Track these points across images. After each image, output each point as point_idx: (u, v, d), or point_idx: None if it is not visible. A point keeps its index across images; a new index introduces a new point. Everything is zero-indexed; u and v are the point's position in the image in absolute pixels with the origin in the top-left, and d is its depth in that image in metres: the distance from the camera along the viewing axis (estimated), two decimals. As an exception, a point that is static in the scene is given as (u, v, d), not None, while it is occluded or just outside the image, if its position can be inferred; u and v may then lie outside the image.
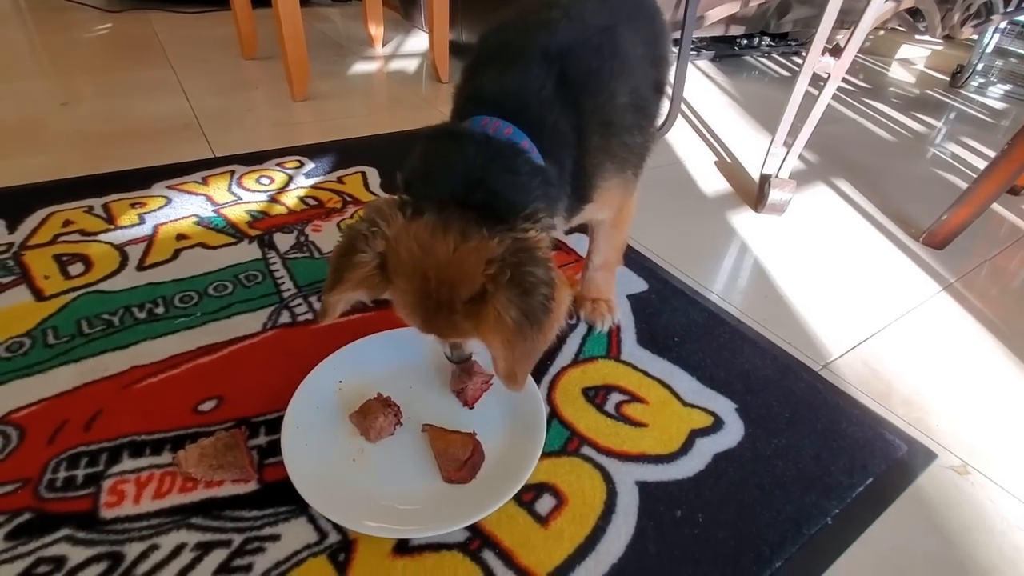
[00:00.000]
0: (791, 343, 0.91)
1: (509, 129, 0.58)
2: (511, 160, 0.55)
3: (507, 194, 0.54)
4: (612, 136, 0.66)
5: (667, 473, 0.66)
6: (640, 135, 0.69)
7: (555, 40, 0.62)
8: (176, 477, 0.60)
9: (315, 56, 1.84)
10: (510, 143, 0.57)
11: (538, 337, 0.52)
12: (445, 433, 0.66)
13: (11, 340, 0.75)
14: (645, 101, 0.70)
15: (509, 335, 0.51)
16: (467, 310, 0.53)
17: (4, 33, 1.94)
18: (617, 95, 0.65)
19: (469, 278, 0.51)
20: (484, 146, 0.55)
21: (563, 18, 0.65)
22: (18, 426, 0.64)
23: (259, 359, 0.76)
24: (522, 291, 0.50)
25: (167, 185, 1.12)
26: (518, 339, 0.51)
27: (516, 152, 0.56)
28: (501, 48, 0.65)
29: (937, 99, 2.31)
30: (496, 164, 0.54)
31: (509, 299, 0.50)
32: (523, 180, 0.55)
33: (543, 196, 0.57)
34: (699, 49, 2.49)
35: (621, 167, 0.69)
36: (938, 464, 0.73)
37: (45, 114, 1.38)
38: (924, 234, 1.25)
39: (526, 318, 0.50)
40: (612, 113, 0.65)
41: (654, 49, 0.75)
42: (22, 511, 0.56)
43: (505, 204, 0.54)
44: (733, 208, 1.30)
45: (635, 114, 0.68)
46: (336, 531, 0.57)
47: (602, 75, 0.63)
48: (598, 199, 0.68)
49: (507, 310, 0.50)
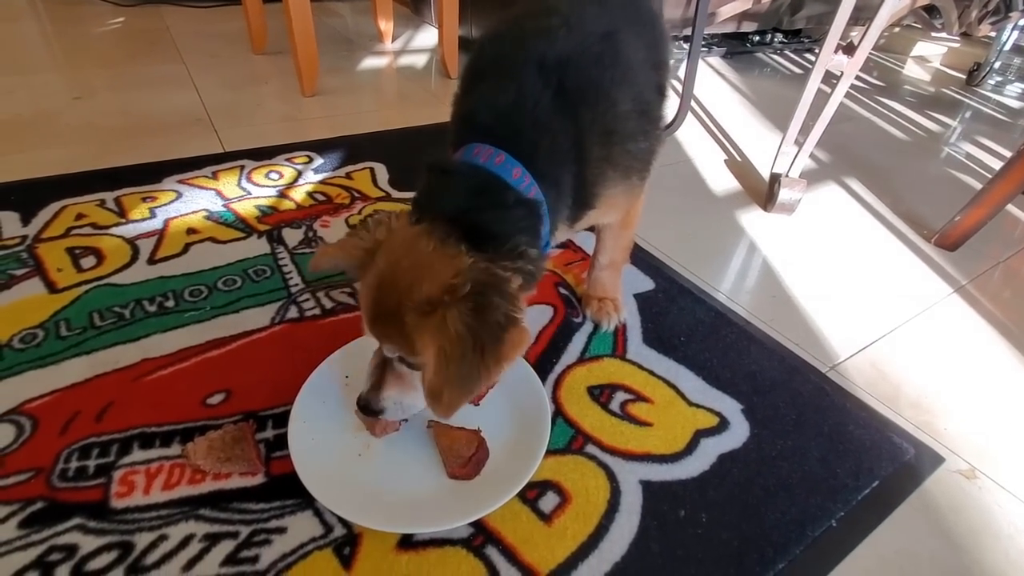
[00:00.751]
0: (799, 344, 0.90)
1: (501, 157, 0.57)
2: (496, 194, 0.56)
3: (490, 227, 0.55)
4: (614, 144, 0.65)
5: (671, 473, 0.66)
6: (644, 140, 0.69)
7: (553, 50, 0.61)
8: (185, 469, 0.61)
9: (325, 51, 1.84)
10: (496, 178, 0.57)
11: (478, 364, 0.49)
12: (450, 430, 0.66)
13: (25, 331, 0.76)
14: (648, 105, 0.70)
15: (448, 346, 0.48)
16: (416, 311, 0.51)
17: (19, 27, 1.96)
18: (619, 103, 0.64)
19: (431, 282, 0.51)
20: (471, 180, 0.57)
21: (562, 26, 0.63)
22: (31, 416, 0.65)
23: (267, 353, 0.77)
24: (477, 312, 0.49)
25: (178, 179, 1.13)
26: (455, 355, 0.48)
27: (501, 187, 0.57)
28: (497, 59, 0.64)
29: (953, 97, 2.27)
30: (481, 199, 0.56)
31: (461, 313, 0.49)
32: (507, 214, 0.56)
33: (528, 228, 0.57)
34: (710, 46, 2.47)
35: (625, 174, 0.69)
36: (945, 468, 0.73)
37: (58, 108, 1.40)
38: (936, 235, 1.23)
39: (471, 337, 0.49)
40: (613, 122, 0.64)
41: (655, 54, 0.74)
42: (35, 500, 0.57)
43: (488, 237, 0.54)
44: (742, 207, 1.29)
45: (638, 120, 0.67)
46: (341, 525, 0.58)
47: (602, 84, 0.62)
48: (602, 205, 0.68)
49: (454, 321, 0.49)
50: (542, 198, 0.59)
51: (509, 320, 0.51)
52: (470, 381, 0.50)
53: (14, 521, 0.55)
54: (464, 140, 0.61)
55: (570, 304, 0.91)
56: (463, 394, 0.51)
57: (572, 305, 0.91)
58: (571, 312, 0.90)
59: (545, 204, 0.59)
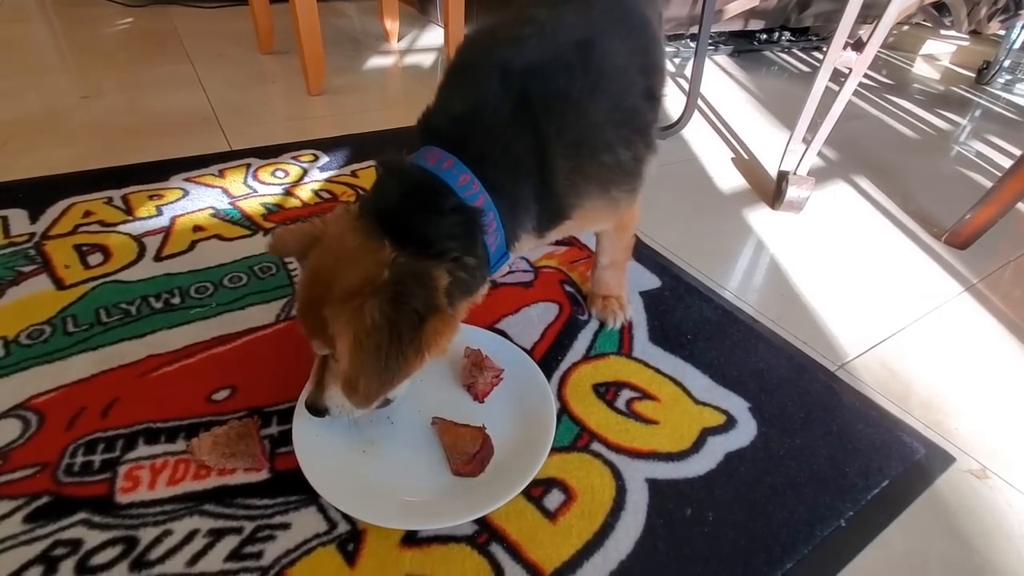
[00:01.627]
0: (807, 342, 0.89)
1: (450, 162, 0.57)
2: (430, 199, 0.56)
3: (418, 230, 0.55)
4: (583, 157, 0.63)
5: (678, 471, 0.66)
6: (625, 150, 0.66)
7: (521, 59, 0.59)
8: (190, 464, 0.61)
9: (331, 51, 1.85)
10: (434, 180, 0.56)
11: (395, 355, 0.49)
12: (455, 426, 0.66)
13: (32, 327, 0.76)
14: (630, 114, 0.67)
15: (362, 335, 0.48)
16: (334, 303, 0.51)
17: (28, 28, 1.97)
18: (589, 114, 0.62)
19: (352, 274, 0.52)
20: (410, 181, 0.57)
21: (534, 35, 0.62)
22: (38, 411, 0.65)
23: (272, 350, 0.77)
24: (395, 303, 0.50)
25: (184, 177, 1.14)
26: (370, 345, 0.48)
27: (437, 191, 0.56)
28: (463, 66, 0.63)
29: (962, 96, 2.25)
30: (415, 201, 0.56)
31: (378, 303, 0.49)
32: (438, 219, 0.55)
33: (462, 236, 0.56)
34: (717, 44, 2.46)
35: (602, 187, 0.66)
36: (956, 468, 0.72)
37: (67, 107, 1.41)
38: (946, 234, 1.22)
39: (388, 326, 0.49)
40: (582, 133, 0.62)
41: (644, 58, 0.71)
42: (40, 494, 0.57)
43: (415, 239, 0.54)
44: (749, 205, 1.28)
45: (615, 129, 0.65)
46: (345, 521, 0.57)
47: (570, 94, 0.60)
48: (578, 217, 0.66)
49: (371, 310, 0.49)
50: (491, 207, 0.58)
51: (429, 309, 0.51)
52: (388, 371, 0.50)
53: (19, 516, 0.55)
54: (422, 143, 0.61)
55: (575, 302, 0.91)
56: (381, 384, 0.51)
57: (577, 303, 0.91)
58: (576, 310, 0.89)
59: (495, 214, 0.58)
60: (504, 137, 0.59)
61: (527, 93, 0.58)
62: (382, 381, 0.51)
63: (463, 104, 0.60)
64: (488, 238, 0.59)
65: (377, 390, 0.51)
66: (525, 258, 1.00)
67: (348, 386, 0.51)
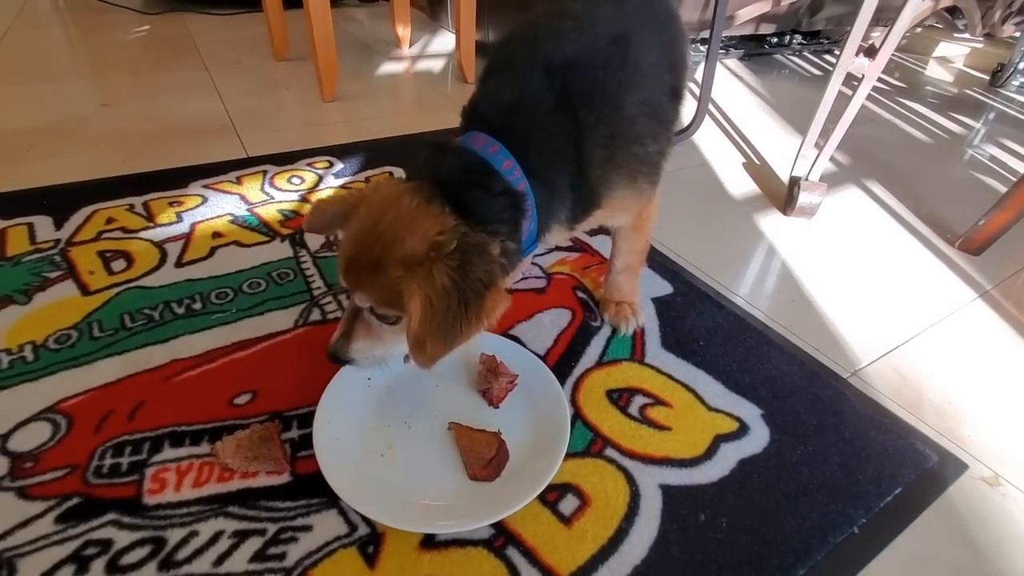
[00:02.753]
0: (819, 349, 0.90)
1: (495, 147, 0.59)
2: (483, 178, 0.58)
3: (471, 205, 0.57)
4: (617, 148, 0.66)
5: (691, 477, 0.67)
6: (653, 143, 0.69)
7: (562, 52, 0.62)
8: (214, 467, 0.63)
9: (344, 57, 1.87)
10: (485, 163, 0.59)
11: (460, 318, 0.52)
12: (471, 431, 0.67)
13: (59, 332, 0.78)
14: (658, 108, 0.70)
15: (435, 297, 0.51)
16: (400, 264, 0.53)
17: (47, 35, 2.01)
18: (625, 106, 0.65)
19: (416, 237, 0.53)
20: (462, 160, 0.59)
21: (574, 29, 0.65)
22: (67, 415, 0.67)
23: (291, 355, 0.78)
24: (462, 269, 0.52)
25: (203, 184, 1.16)
26: (441, 307, 0.51)
27: (489, 172, 0.58)
28: (508, 58, 0.66)
29: (976, 99, 2.24)
30: (470, 177, 0.58)
31: (448, 268, 0.51)
32: (490, 198, 0.57)
33: (508, 220, 0.59)
34: (728, 48, 2.46)
35: (631, 177, 0.69)
36: (969, 475, 0.72)
37: (86, 114, 1.44)
38: (960, 239, 1.21)
39: (457, 291, 0.51)
40: (618, 124, 0.65)
41: (670, 54, 0.74)
42: (71, 495, 0.59)
43: (468, 212, 0.56)
44: (761, 210, 1.29)
45: (646, 122, 0.68)
46: (365, 524, 0.59)
47: (608, 87, 0.63)
48: (608, 206, 0.69)
49: (441, 275, 0.51)
50: (530, 194, 0.60)
51: (491, 280, 0.54)
52: (452, 334, 0.52)
53: (51, 516, 0.57)
54: (466, 129, 0.63)
55: (588, 308, 0.92)
56: (445, 346, 0.53)
57: (590, 309, 0.92)
58: (589, 316, 0.90)
59: (532, 200, 0.61)
60: (547, 127, 0.61)
61: (568, 86, 0.61)
62: (446, 343, 0.53)
63: (509, 94, 0.62)
64: (525, 223, 0.61)
65: (440, 351, 0.53)
66: (538, 264, 1.01)
67: (416, 345, 0.52)
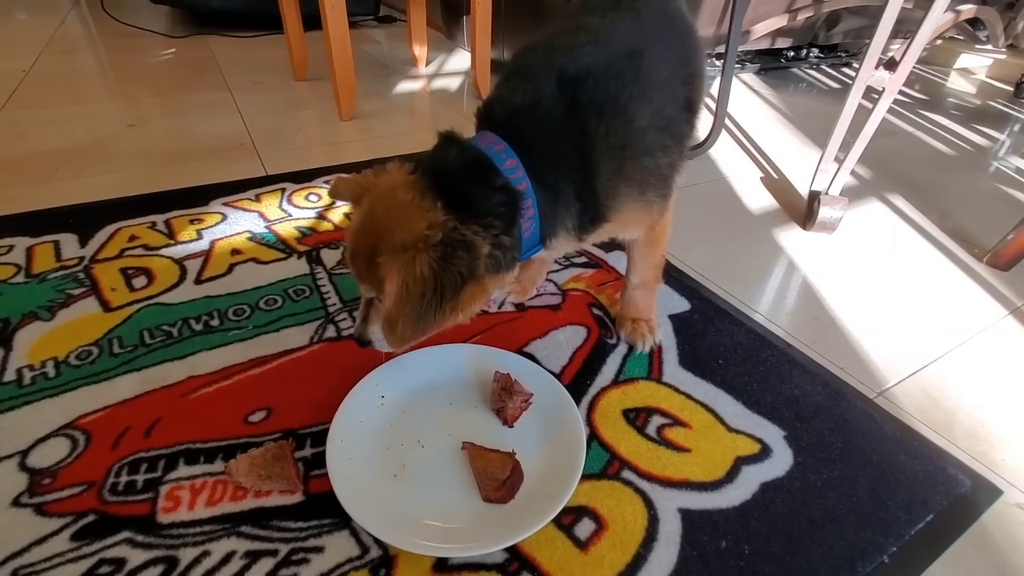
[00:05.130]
0: (843, 368, 0.87)
1: (501, 146, 0.62)
2: (483, 173, 0.60)
3: (468, 198, 0.59)
4: (627, 159, 0.66)
5: (711, 501, 0.65)
6: (664, 156, 0.69)
7: (575, 64, 0.64)
8: (227, 485, 0.63)
9: (362, 76, 1.90)
10: (487, 159, 0.61)
11: (435, 306, 0.55)
12: (484, 452, 0.66)
13: (81, 348, 0.79)
14: (671, 121, 0.70)
15: (410, 282, 0.54)
16: (387, 253, 0.56)
17: (79, 59, 2.09)
18: (635, 118, 0.65)
19: (405, 230, 0.56)
20: (466, 154, 0.62)
21: (589, 43, 0.66)
22: (85, 431, 0.68)
23: (306, 372, 0.78)
24: (444, 260, 0.55)
25: (223, 202, 1.18)
26: (416, 292, 0.54)
27: (490, 168, 0.60)
28: (523, 67, 0.68)
29: (1000, 110, 2.19)
30: (470, 171, 0.60)
31: (430, 258, 0.54)
32: (488, 193, 0.59)
33: (505, 216, 0.60)
34: (744, 62, 2.45)
35: (640, 189, 0.69)
36: (1004, 501, 0.69)
37: (114, 134, 1.48)
38: (988, 254, 1.18)
39: (434, 280, 0.54)
40: (627, 136, 0.65)
41: (686, 68, 0.74)
42: (87, 513, 0.59)
43: (464, 205, 0.58)
44: (780, 225, 1.27)
45: (657, 135, 0.68)
46: (377, 546, 0.58)
47: (619, 99, 0.64)
48: (616, 219, 0.69)
49: (422, 263, 0.54)
50: (531, 195, 0.62)
51: (471, 274, 0.57)
52: (425, 320, 0.55)
53: (67, 533, 0.57)
54: (478, 129, 0.66)
55: (604, 325, 0.91)
56: (416, 330, 0.56)
57: (606, 326, 0.90)
58: (605, 333, 0.89)
59: (533, 201, 0.62)
60: (554, 133, 0.63)
61: (579, 97, 0.63)
62: (417, 328, 0.56)
63: (521, 99, 0.64)
64: (524, 223, 0.62)
65: (412, 335, 0.56)
66: (553, 281, 1.00)
67: (388, 325, 0.56)
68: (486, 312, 0.92)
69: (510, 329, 0.89)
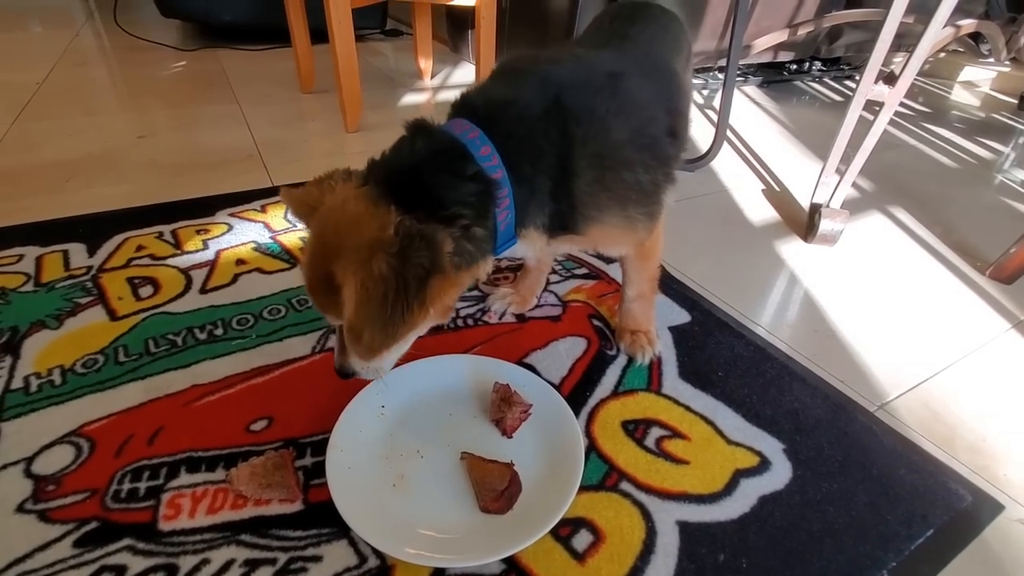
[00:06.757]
0: (844, 381, 0.87)
1: (475, 133, 0.59)
2: (454, 161, 0.57)
3: (434, 190, 0.56)
4: (606, 169, 0.65)
5: (710, 514, 0.65)
6: (644, 172, 0.68)
7: (559, 72, 0.65)
8: (228, 494, 0.63)
9: (368, 89, 1.93)
10: (460, 145, 0.58)
11: (401, 305, 0.51)
12: (483, 462, 0.66)
13: (87, 357, 0.81)
14: (653, 141, 0.69)
15: (369, 284, 0.50)
16: (342, 264, 0.53)
17: (92, 71, 2.13)
18: (612, 131, 0.65)
19: (357, 236, 0.53)
20: (435, 142, 0.59)
21: (573, 60, 0.69)
22: (89, 438, 0.69)
23: (308, 381, 0.79)
24: (402, 255, 0.51)
25: (229, 213, 1.20)
26: (377, 294, 0.50)
27: (462, 155, 0.58)
28: (507, 70, 0.68)
29: (1004, 123, 2.19)
30: (436, 160, 0.57)
31: (386, 256, 0.50)
32: (457, 183, 0.57)
33: (477, 205, 0.57)
34: (746, 75, 2.47)
35: (621, 203, 0.68)
36: (1005, 516, 0.68)
37: (124, 146, 1.50)
38: (991, 267, 1.18)
39: (395, 276, 0.50)
40: (605, 146, 0.64)
41: (667, 102, 0.75)
42: (89, 520, 0.60)
43: (428, 198, 0.56)
44: (781, 238, 1.27)
45: (636, 151, 0.67)
46: (375, 556, 0.58)
47: (597, 110, 0.64)
48: (597, 232, 0.68)
49: (379, 261, 0.50)
50: (507, 184, 0.59)
51: (435, 265, 0.53)
52: (392, 322, 0.51)
53: (69, 540, 0.58)
54: (450, 118, 0.64)
55: (604, 336, 0.91)
56: (385, 335, 0.52)
57: (606, 337, 0.91)
58: (605, 345, 0.89)
59: (509, 191, 0.60)
60: (532, 128, 0.61)
61: (560, 99, 0.62)
62: (386, 333, 0.52)
63: (502, 93, 0.64)
64: (499, 213, 0.60)
65: (381, 342, 0.52)
66: (553, 292, 1.01)
67: (352, 335, 0.52)
68: (487, 323, 0.92)
69: (510, 340, 0.89)
